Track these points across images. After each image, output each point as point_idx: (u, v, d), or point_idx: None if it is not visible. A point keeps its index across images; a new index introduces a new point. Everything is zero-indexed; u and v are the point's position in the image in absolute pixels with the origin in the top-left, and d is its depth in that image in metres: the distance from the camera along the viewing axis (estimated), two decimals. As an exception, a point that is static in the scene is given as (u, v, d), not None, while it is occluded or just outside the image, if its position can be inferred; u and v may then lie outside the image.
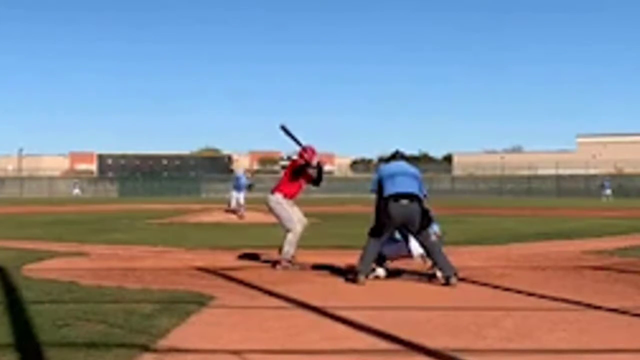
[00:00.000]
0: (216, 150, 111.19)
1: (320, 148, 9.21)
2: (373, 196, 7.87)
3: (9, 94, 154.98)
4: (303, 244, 8.83)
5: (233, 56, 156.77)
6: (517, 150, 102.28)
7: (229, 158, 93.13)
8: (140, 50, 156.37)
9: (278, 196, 8.69)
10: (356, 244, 10.47)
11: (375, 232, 7.53)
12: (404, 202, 7.35)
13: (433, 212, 7.70)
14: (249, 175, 28.52)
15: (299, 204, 8.97)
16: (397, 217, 7.34)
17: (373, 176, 7.90)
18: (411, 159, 8.13)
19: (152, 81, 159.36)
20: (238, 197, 22.30)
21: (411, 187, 7.48)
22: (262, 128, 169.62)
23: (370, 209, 8.09)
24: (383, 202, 7.45)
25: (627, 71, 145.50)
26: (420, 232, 7.41)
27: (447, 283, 7.13)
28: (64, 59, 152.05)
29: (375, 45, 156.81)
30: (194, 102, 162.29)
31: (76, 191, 66.51)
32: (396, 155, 8.02)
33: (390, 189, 7.43)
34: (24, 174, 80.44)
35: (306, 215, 9.04)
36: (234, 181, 23.67)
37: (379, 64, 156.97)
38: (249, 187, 23.17)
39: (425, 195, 7.63)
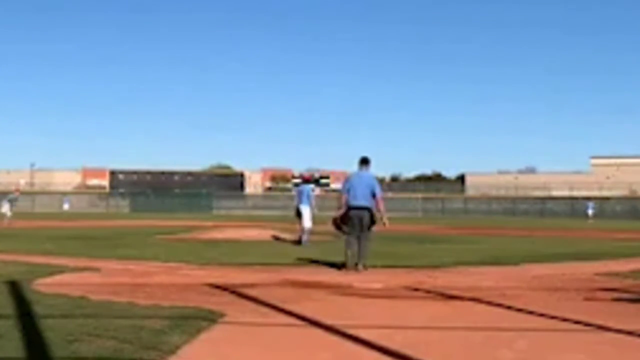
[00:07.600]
0: (228, 167, 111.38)
1: (330, 166, 9.23)
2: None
3: (22, 108, 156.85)
4: (313, 260, 8.78)
5: (247, 74, 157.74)
6: (530, 171, 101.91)
7: (242, 175, 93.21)
8: (154, 68, 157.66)
9: None
10: (381, 262, 10.44)
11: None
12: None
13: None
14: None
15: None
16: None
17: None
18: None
19: (164, 98, 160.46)
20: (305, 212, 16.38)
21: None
22: (274, 145, 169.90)
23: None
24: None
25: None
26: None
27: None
28: (77, 74, 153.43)
29: (394, 62, 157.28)
30: (206, 118, 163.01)
31: (65, 206, 67.35)
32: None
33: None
34: (36, 188, 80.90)
35: (322, 233, 9.01)
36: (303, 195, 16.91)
37: (394, 82, 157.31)
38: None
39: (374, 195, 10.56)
